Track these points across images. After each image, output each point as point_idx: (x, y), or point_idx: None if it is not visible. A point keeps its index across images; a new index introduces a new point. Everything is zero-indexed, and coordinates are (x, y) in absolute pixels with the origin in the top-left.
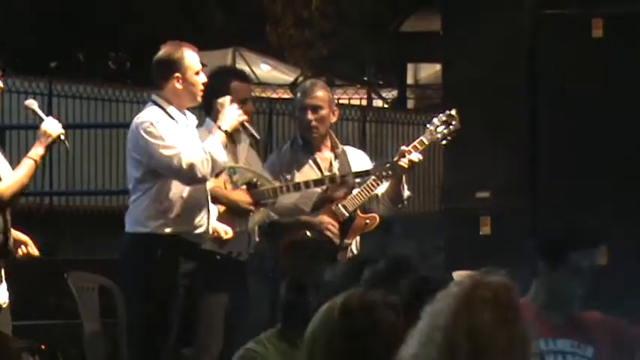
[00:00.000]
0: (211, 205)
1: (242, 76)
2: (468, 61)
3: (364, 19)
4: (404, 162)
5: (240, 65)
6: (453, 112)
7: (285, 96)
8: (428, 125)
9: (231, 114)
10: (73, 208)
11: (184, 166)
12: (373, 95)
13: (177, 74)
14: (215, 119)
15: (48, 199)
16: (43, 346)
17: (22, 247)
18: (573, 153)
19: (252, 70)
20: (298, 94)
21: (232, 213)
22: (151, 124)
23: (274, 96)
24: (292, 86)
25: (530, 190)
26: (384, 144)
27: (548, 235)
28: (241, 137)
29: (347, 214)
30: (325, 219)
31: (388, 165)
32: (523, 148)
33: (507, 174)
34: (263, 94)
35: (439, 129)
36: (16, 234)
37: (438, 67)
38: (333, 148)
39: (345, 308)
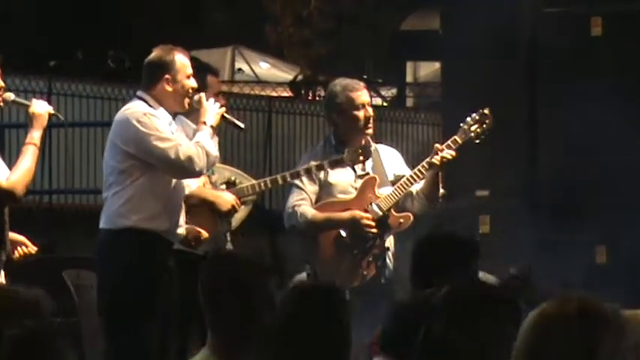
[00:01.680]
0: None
1: (214, 71)
2: (467, 60)
3: (363, 18)
4: (437, 159)
5: (240, 63)
6: (487, 110)
7: (285, 94)
8: (461, 124)
9: (211, 109)
10: (72, 206)
11: (182, 157)
12: (372, 93)
13: (167, 76)
14: (189, 116)
15: (47, 197)
16: None
17: (19, 247)
18: (572, 150)
19: (251, 69)
20: (342, 94)
21: (215, 213)
22: (145, 114)
23: (273, 94)
24: (291, 84)
25: (530, 188)
26: (383, 142)
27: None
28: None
29: (380, 213)
30: (357, 214)
31: (360, 150)
32: (522, 146)
33: (507, 173)
34: (262, 93)
35: (473, 127)
36: (11, 235)
37: (437, 65)
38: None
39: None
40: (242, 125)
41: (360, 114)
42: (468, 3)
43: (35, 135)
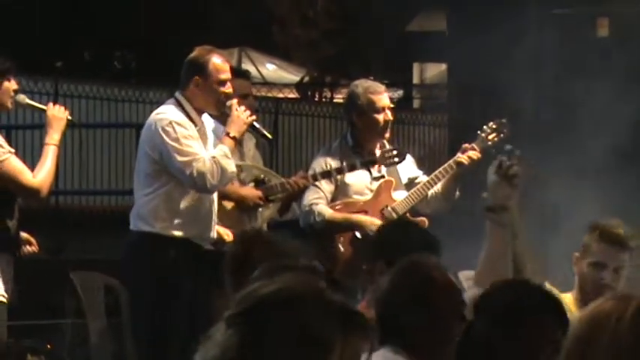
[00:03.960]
0: (215, 209)
1: (242, 73)
2: (473, 61)
3: (370, 19)
4: (464, 158)
5: (246, 65)
6: (504, 120)
7: (291, 96)
8: (479, 132)
9: (239, 118)
10: (80, 207)
11: (195, 174)
12: None
13: (196, 77)
14: (223, 122)
15: (54, 198)
16: (48, 346)
17: (27, 246)
18: (577, 150)
19: (258, 70)
20: (364, 96)
21: (242, 209)
22: (170, 122)
23: (280, 96)
24: (298, 86)
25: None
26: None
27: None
28: (246, 136)
29: (396, 217)
30: (376, 221)
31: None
32: (528, 147)
33: None
34: (269, 94)
35: (490, 136)
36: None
37: (443, 66)
38: (382, 149)
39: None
40: (270, 136)
41: (380, 117)
42: (474, 4)
43: (55, 136)
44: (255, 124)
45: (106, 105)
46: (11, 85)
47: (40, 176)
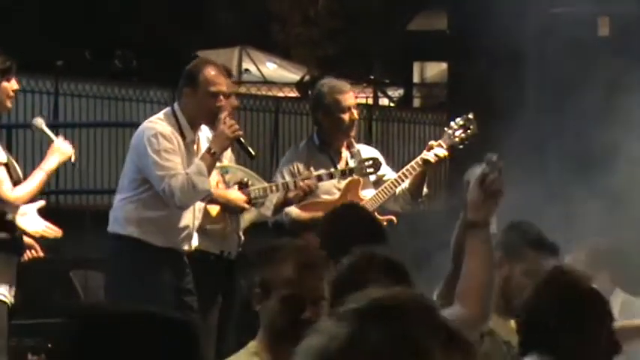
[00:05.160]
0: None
1: (227, 71)
2: (473, 60)
3: (370, 18)
4: (431, 156)
5: (247, 64)
6: (471, 115)
7: (292, 94)
8: (446, 129)
9: (223, 134)
10: (80, 206)
11: (166, 190)
12: (379, 94)
13: (187, 88)
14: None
15: (54, 197)
16: (49, 345)
17: (29, 251)
18: (579, 151)
19: (258, 69)
20: (330, 96)
21: (226, 211)
22: (156, 134)
23: (280, 94)
24: (299, 85)
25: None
26: (390, 143)
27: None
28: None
29: None
30: None
31: (370, 162)
32: (529, 146)
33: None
34: (269, 93)
35: (457, 133)
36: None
37: (444, 65)
38: (349, 147)
39: None
40: (253, 153)
41: (346, 117)
42: (475, 3)
43: (51, 165)
44: (241, 139)
45: (107, 104)
46: (11, 85)
47: (19, 194)
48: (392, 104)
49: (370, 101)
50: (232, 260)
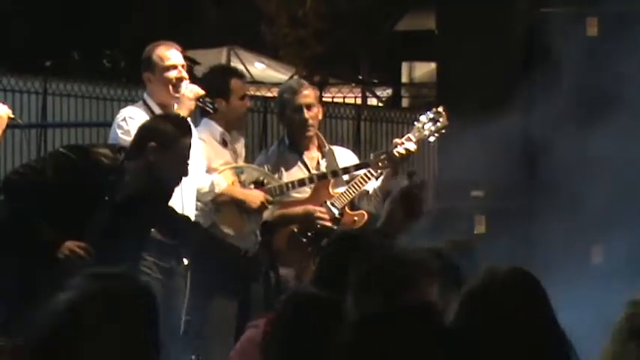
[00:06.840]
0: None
1: (239, 74)
2: (462, 60)
3: (359, 18)
4: (399, 151)
5: (235, 64)
6: (440, 108)
7: None
8: (415, 123)
9: (184, 96)
10: None
11: None
12: (368, 94)
13: (146, 73)
14: (215, 119)
15: None
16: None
17: None
18: (568, 152)
19: (246, 69)
20: (286, 95)
21: (243, 211)
22: (124, 118)
23: (269, 95)
24: None
25: (525, 189)
26: (378, 143)
27: None
28: (236, 137)
29: (336, 212)
30: (310, 208)
31: (384, 155)
32: (518, 147)
33: (502, 173)
34: (258, 93)
35: (426, 126)
36: None
37: (432, 65)
38: (321, 147)
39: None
40: (212, 110)
41: (296, 117)
42: (463, 3)
43: None
44: (200, 98)
45: (95, 104)
46: None
47: None
48: (380, 104)
49: (359, 101)
50: (250, 259)
